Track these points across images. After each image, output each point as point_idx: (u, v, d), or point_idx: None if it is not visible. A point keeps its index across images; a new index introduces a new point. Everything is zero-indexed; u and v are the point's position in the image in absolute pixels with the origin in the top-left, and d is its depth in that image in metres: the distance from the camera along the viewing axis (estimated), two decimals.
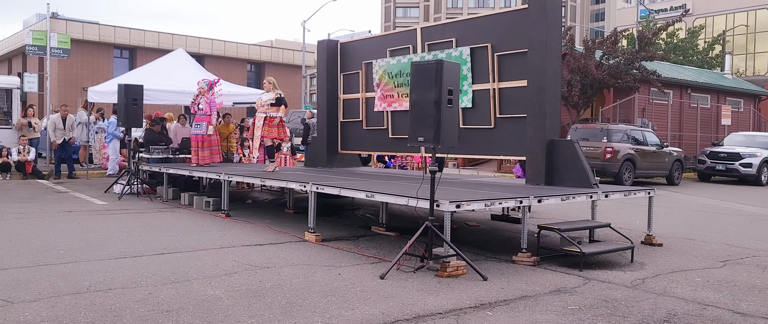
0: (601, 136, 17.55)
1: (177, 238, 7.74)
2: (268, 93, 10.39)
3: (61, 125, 15.31)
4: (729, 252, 7.68)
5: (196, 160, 11.62)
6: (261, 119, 10.30)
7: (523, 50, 8.45)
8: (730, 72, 34.26)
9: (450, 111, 6.26)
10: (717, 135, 25.75)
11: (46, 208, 10.19)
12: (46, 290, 5.13)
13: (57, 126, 15.27)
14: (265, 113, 10.29)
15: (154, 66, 16.69)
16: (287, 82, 37.79)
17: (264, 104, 10.32)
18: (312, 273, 6.00)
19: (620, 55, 21.82)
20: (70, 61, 25.81)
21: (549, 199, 7.04)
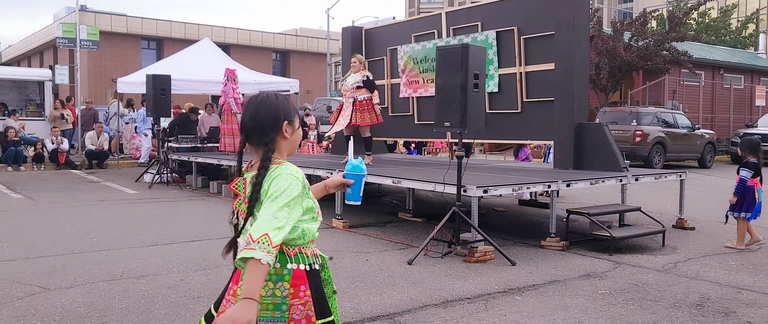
0: (630, 120, 17.25)
1: (207, 225, 7.85)
2: (355, 74, 8.75)
3: (96, 140, 15.81)
4: (764, 235, 7.50)
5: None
6: (349, 105, 8.77)
7: (550, 33, 8.32)
8: (765, 52, 33.31)
9: (476, 95, 6.21)
10: (751, 116, 25.13)
11: (79, 197, 10.41)
12: (81, 277, 5.25)
13: (93, 142, 15.76)
14: (352, 97, 8.76)
15: (181, 56, 16.87)
16: (312, 70, 37.89)
17: (350, 87, 8.75)
18: (340, 259, 6.04)
19: (650, 36, 21.37)
20: (99, 53, 26.19)
21: (578, 183, 6.96)
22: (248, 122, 2.13)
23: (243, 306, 1.83)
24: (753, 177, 6.72)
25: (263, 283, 1.94)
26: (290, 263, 2.06)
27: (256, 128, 2.11)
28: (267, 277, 1.98)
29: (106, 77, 28.51)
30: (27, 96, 19.28)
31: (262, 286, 1.93)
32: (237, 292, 2.01)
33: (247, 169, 2.15)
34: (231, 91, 11.85)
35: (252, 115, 2.13)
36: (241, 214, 2.12)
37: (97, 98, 25.04)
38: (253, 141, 2.12)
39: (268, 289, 2.03)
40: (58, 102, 17.81)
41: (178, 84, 13.90)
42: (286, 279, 2.04)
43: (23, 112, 17.98)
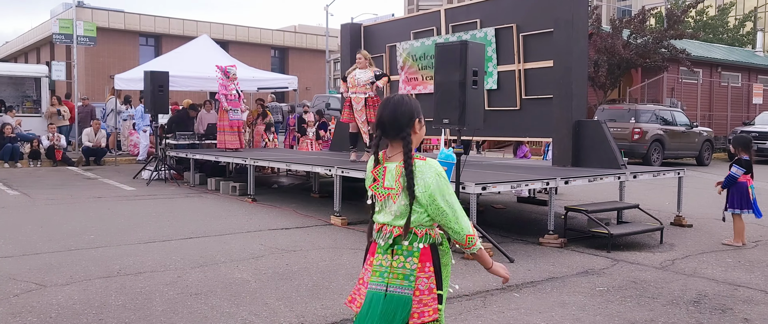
0: (628, 117, 17.26)
1: (204, 222, 7.83)
2: (363, 70, 8.70)
3: (94, 137, 15.76)
4: (761, 232, 7.52)
5: (237, 145, 11.82)
6: (361, 101, 8.70)
7: (549, 30, 8.31)
8: (762, 49, 33.33)
9: (475, 92, 6.20)
10: (748, 114, 25.16)
11: (76, 194, 10.38)
12: (78, 274, 5.24)
13: (90, 138, 15.71)
14: (364, 93, 8.68)
15: (179, 53, 16.82)
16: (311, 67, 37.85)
17: (364, 84, 8.64)
18: (338, 256, 6.03)
19: (648, 33, 21.36)
20: (96, 49, 26.14)
21: (576, 180, 6.96)
22: (386, 119, 2.46)
23: (496, 266, 2.58)
24: (745, 174, 6.73)
25: (488, 257, 2.53)
26: (419, 242, 2.40)
27: (393, 125, 2.45)
28: (399, 252, 2.40)
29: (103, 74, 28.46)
30: (23, 92, 19.22)
31: (487, 255, 2.52)
32: (373, 262, 2.44)
33: (383, 159, 2.48)
34: (222, 89, 11.84)
35: (390, 113, 2.47)
36: (378, 197, 2.47)
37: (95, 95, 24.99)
38: (390, 135, 2.46)
39: (399, 261, 2.40)
40: (55, 98, 17.77)
41: (176, 81, 13.86)
42: (415, 255, 2.39)
43: (20, 109, 17.93)
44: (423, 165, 2.39)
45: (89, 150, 15.60)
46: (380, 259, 2.43)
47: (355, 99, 8.78)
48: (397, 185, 2.40)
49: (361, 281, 2.51)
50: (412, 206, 2.37)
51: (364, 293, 2.43)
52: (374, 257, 2.46)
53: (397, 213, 2.41)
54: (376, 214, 2.51)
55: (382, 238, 2.44)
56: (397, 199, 2.41)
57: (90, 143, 15.65)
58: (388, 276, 2.39)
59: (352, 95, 8.81)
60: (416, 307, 2.36)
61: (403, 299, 2.35)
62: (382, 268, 2.41)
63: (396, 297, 2.35)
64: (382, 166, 2.47)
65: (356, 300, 2.48)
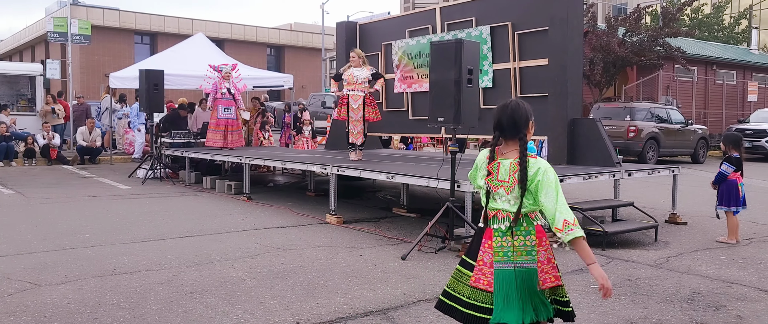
0: (624, 115, 17.30)
1: (200, 221, 7.83)
2: (358, 68, 8.79)
3: (88, 136, 15.71)
4: (755, 230, 7.55)
5: (223, 143, 11.72)
6: (359, 99, 8.78)
7: (544, 28, 8.32)
8: (757, 47, 33.44)
9: (470, 91, 6.21)
10: (743, 112, 25.24)
11: (71, 192, 10.36)
12: (73, 273, 5.23)
13: (84, 137, 15.65)
14: (363, 92, 8.79)
15: (175, 51, 16.79)
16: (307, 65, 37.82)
17: (362, 81, 8.73)
18: (334, 254, 6.03)
19: (644, 31, 21.41)
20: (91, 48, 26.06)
21: (571, 178, 6.97)
22: (505, 122, 2.84)
23: (596, 267, 2.75)
24: (734, 171, 6.79)
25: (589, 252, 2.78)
26: (533, 222, 2.81)
27: (511, 126, 2.83)
28: (518, 233, 2.78)
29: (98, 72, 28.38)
30: (18, 91, 19.15)
31: (590, 251, 2.78)
32: (492, 244, 2.80)
33: (498, 155, 2.86)
34: (213, 87, 11.81)
35: (510, 116, 2.84)
36: (492, 188, 2.84)
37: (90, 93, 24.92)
38: (508, 136, 2.85)
39: (520, 241, 2.78)
40: (50, 97, 17.70)
41: (172, 79, 13.85)
42: (532, 234, 2.79)
43: (14, 108, 17.85)
44: (535, 162, 2.79)
45: (84, 149, 15.55)
46: (500, 241, 2.80)
47: (354, 96, 8.81)
48: (512, 179, 2.79)
49: (482, 263, 2.83)
50: (523, 196, 2.76)
51: (488, 273, 2.80)
52: (492, 240, 2.82)
53: (511, 201, 2.80)
54: (490, 203, 2.87)
55: (498, 223, 2.82)
56: (511, 190, 2.79)
57: (85, 142, 15.60)
58: (512, 254, 2.78)
59: (351, 93, 8.83)
60: (541, 276, 2.78)
61: (531, 271, 2.76)
62: (505, 249, 2.79)
63: (524, 270, 2.76)
64: (496, 162, 2.85)
65: (482, 280, 2.82)
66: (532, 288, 2.75)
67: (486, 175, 2.86)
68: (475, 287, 2.84)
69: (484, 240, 2.85)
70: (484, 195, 2.90)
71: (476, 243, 2.90)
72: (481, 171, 2.92)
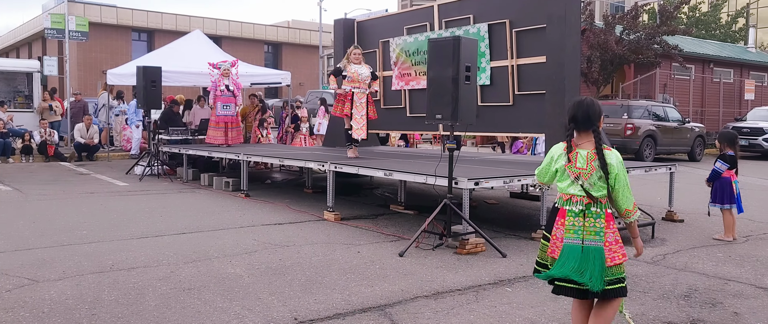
0: (621, 113, 17.33)
1: (197, 217, 7.83)
2: (359, 65, 8.89)
3: (85, 133, 15.67)
4: (751, 227, 7.58)
5: (224, 140, 11.74)
6: (364, 97, 8.89)
7: (542, 26, 8.33)
8: (754, 45, 33.50)
9: (468, 88, 6.21)
10: (740, 110, 25.29)
11: (68, 189, 10.35)
12: (70, 269, 5.23)
13: (82, 134, 15.62)
14: (367, 90, 8.91)
15: (172, 48, 16.75)
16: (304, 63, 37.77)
17: (365, 79, 8.85)
18: (331, 251, 6.04)
19: (641, 29, 21.43)
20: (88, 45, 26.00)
21: None
22: (581, 116, 3.30)
23: (638, 240, 3.42)
24: (729, 169, 6.85)
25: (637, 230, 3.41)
26: (604, 208, 3.24)
27: (586, 120, 3.30)
28: (589, 215, 3.23)
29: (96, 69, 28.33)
30: (15, 87, 19.12)
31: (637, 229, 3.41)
32: (565, 223, 3.26)
33: (574, 146, 3.30)
34: (212, 84, 11.84)
35: (585, 111, 3.31)
36: (570, 174, 3.29)
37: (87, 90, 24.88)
38: (582, 128, 3.31)
39: (591, 222, 3.22)
40: (47, 93, 17.67)
41: (169, 76, 13.82)
42: (602, 217, 3.23)
43: (11, 104, 17.83)
44: (609, 153, 3.27)
45: (81, 145, 15.53)
46: (572, 221, 3.25)
47: (359, 94, 8.86)
48: (589, 167, 3.23)
49: (555, 237, 3.31)
50: (597, 182, 3.21)
51: (560, 246, 3.27)
52: (565, 219, 3.27)
53: (586, 187, 3.23)
54: (566, 187, 3.30)
55: (572, 205, 3.26)
56: (588, 176, 3.23)
57: (82, 139, 15.58)
58: (582, 233, 3.21)
59: (356, 90, 8.86)
60: (608, 254, 3.19)
61: (597, 249, 3.19)
62: (576, 227, 3.23)
63: (591, 248, 3.19)
64: (575, 152, 3.29)
65: (555, 251, 3.30)
66: (599, 265, 3.17)
67: (566, 163, 3.32)
68: (551, 257, 3.34)
69: (558, 218, 3.32)
70: (563, 180, 3.34)
71: (551, 219, 3.39)
72: (558, 161, 3.37)
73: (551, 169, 3.41)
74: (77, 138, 15.67)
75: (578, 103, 3.38)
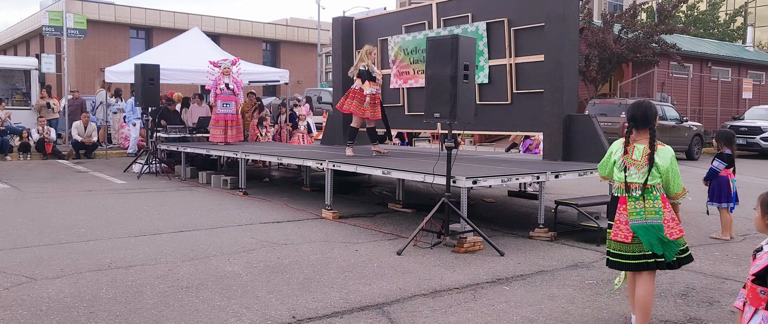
0: (619, 112, 17.34)
1: (195, 215, 7.83)
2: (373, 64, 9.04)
3: (83, 131, 15.62)
4: (749, 226, 7.59)
5: (223, 139, 11.74)
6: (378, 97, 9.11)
7: (540, 24, 8.33)
8: (752, 44, 33.54)
9: (466, 86, 6.22)
10: (737, 109, 25.33)
11: (66, 187, 10.34)
12: (68, 267, 5.22)
13: (79, 132, 15.58)
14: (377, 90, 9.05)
15: (170, 46, 16.73)
16: (302, 61, 37.74)
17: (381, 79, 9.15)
18: (329, 249, 6.04)
19: (639, 28, 21.45)
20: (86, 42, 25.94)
21: (566, 174, 7.00)
22: (639, 115, 3.88)
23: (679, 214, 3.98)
24: (726, 168, 6.90)
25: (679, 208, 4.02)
26: (659, 192, 3.84)
27: (644, 119, 3.87)
28: (649, 198, 3.82)
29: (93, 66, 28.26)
30: (13, 85, 19.07)
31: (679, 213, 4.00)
32: (627, 208, 3.83)
33: (632, 141, 3.90)
34: (213, 83, 11.84)
35: (644, 112, 3.88)
36: (627, 165, 3.86)
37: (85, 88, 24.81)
38: (640, 126, 3.89)
39: (650, 204, 3.81)
40: (44, 91, 17.63)
41: (167, 74, 13.80)
42: (659, 199, 3.83)
43: (9, 102, 17.79)
44: (662, 148, 3.86)
45: (79, 143, 15.51)
46: (634, 205, 3.83)
47: (378, 95, 9.07)
48: (643, 159, 3.82)
49: (619, 221, 3.88)
50: (651, 171, 3.80)
51: (624, 229, 3.84)
52: (627, 205, 3.84)
53: (640, 176, 3.82)
54: (624, 177, 3.86)
55: (632, 192, 3.84)
56: (641, 167, 3.82)
57: (79, 137, 15.55)
58: (644, 213, 3.80)
59: (378, 92, 9.05)
60: (667, 230, 3.80)
61: (658, 225, 3.79)
62: (637, 210, 3.82)
63: (653, 224, 3.79)
64: (632, 146, 3.88)
65: (619, 233, 3.87)
66: (659, 238, 3.78)
67: (623, 154, 3.89)
68: (613, 240, 3.91)
69: (619, 205, 3.88)
70: (620, 171, 3.90)
71: (613, 207, 3.95)
72: (616, 154, 3.95)
73: (610, 161, 3.99)
74: (75, 136, 15.64)
75: (637, 104, 3.93)
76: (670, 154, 3.87)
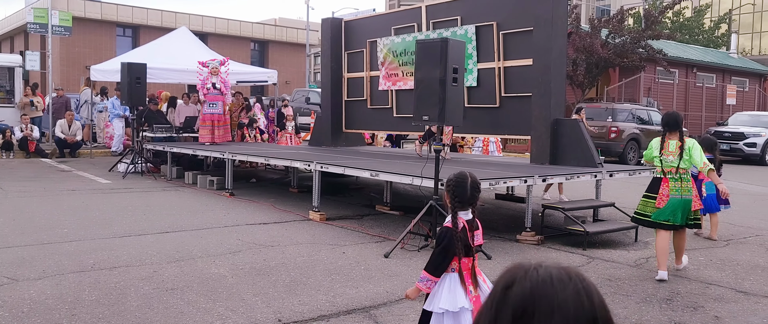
0: (606, 116, 17.46)
1: (181, 216, 7.76)
2: None
3: (67, 130, 15.43)
4: (732, 231, 7.66)
5: (211, 139, 11.67)
6: None
7: (529, 28, 8.36)
8: (736, 51, 33.95)
9: (455, 89, 6.22)
10: (722, 115, 25.60)
11: (49, 186, 10.21)
12: (51, 268, 5.15)
13: (63, 130, 15.39)
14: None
15: (158, 44, 16.59)
16: (291, 61, 37.61)
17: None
18: (316, 252, 6.01)
19: (626, 33, 21.62)
20: (72, 39, 25.67)
21: (554, 178, 7.02)
22: (672, 121, 5.49)
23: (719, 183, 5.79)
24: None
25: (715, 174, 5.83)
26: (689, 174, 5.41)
27: (675, 124, 5.46)
28: (684, 180, 5.39)
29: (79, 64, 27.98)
30: None
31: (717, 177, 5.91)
32: (669, 186, 5.37)
33: (667, 139, 5.45)
34: (200, 83, 11.78)
35: (675, 118, 5.53)
36: (665, 155, 5.40)
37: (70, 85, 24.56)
38: (672, 130, 5.44)
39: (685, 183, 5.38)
40: (29, 89, 17.40)
41: (154, 72, 13.68)
42: (688, 180, 5.40)
43: None
44: (689, 140, 5.43)
45: (62, 142, 15.33)
46: (673, 184, 5.37)
47: None
48: (677, 150, 5.36)
49: (662, 194, 5.38)
50: (682, 157, 5.32)
51: (665, 200, 5.36)
52: (668, 183, 5.38)
53: (675, 162, 5.35)
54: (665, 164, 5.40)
55: (672, 175, 5.38)
56: (675, 156, 5.36)
57: (63, 135, 15.37)
58: (680, 190, 5.35)
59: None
60: (694, 204, 5.41)
61: (689, 200, 5.37)
62: (676, 187, 5.36)
63: (686, 199, 5.36)
64: (667, 142, 5.44)
65: (662, 203, 5.37)
66: (688, 208, 5.37)
67: (661, 149, 5.44)
68: (657, 208, 5.40)
69: (662, 184, 5.41)
70: (659, 161, 5.43)
71: (656, 185, 5.48)
72: (656, 149, 5.48)
73: (652, 154, 5.51)
74: (59, 134, 15.46)
75: (669, 114, 5.67)
76: (694, 142, 5.45)
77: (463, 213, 3.13)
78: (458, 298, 2.99)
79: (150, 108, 13.59)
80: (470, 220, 3.13)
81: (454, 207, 3.11)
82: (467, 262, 3.07)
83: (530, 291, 1.09)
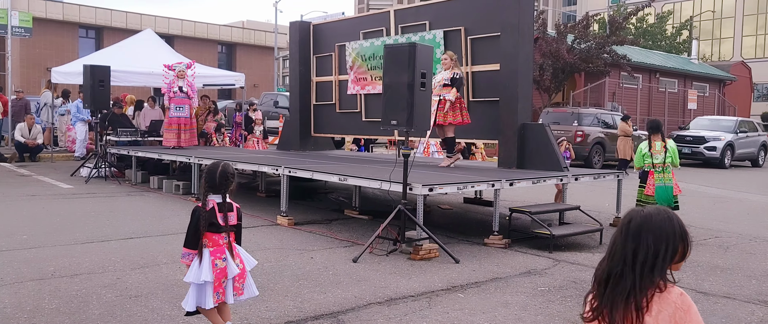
0: (572, 120, 17.74)
1: (146, 222, 7.62)
2: (445, 71, 8.09)
3: (27, 133, 15.03)
4: (693, 233, 7.82)
5: (176, 142, 11.52)
6: (434, 103, 7.76)
7: (496, 34, 8.45)
8: (697, 57, 34.86)
9: (423, 94, 6.24)
10: (684, 119, 26.25)
11: (8, 192, 9.92)
12: (9, 276, 5.00)
13: (23, 134, 14.98)
14: (438, 96, 7.93)
15: (122, 47, 16.31)
16: (259, 64, 37.32)
17: (436, 85, 7.86)
18: (284, 257, 5.96)
19: (591, 39, 22.03)
20: (32, 41, 25.05)
21: (520, 182, 7.10)
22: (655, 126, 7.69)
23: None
24: None
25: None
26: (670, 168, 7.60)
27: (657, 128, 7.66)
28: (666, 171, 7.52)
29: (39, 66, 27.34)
30: None
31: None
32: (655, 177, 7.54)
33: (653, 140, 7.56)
34: (166, 86, 11.63)
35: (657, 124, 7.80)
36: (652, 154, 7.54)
37: (30, 88, 23.96)
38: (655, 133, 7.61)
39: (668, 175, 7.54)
40: None
41: (118, 75, 13.44)
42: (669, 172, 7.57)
43: None
44: (670, 142, 7.60)
45: (22, 146, 14.93)
46: (658, 175, 7.40)
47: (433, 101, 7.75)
48: (662, 149, 7.42)
49: (650, 184, 7.47)
50: (666, 155, 7.39)
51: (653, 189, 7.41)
52: (654, 175, 7.44)
53: (660, 159, 7.39)
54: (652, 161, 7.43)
55: (656, 169, 7.41)
56: (660, 154, 7.40)
57: (23, 139, 14.98)
58: (663, 180, 7.39)
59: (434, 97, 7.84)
60: (674, 191, 7.45)
61: (671, 187, 7.46)
62: (660, 177, 7.38)
63: (668, 187, 7.44)
64: (653, 143, 7.44)
65: (650, 190, 7.43)
66: (670, 194, 7.35)
67: (649, 149, 7.28)
68: (647, 195, 7.39)
69: (650, 175, 7.37)
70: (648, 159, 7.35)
71: (645, 176, 7.48)
72: (644, 149, 7.37)
73: (643, 152, 7.22)
74: (18, 138, 15.06)
75: (653, 120, 7.62)
76: (674, 145, 7.42)
77: (215, 196, 3.65)
78: (204, 272, 3.59)
79: (114, 111, 13.35)
80: (221, 202, 3.66)
81: (205, 190, 3.64)
82: (217, 238, 3.66)
83: (642, 219, 1.99)
